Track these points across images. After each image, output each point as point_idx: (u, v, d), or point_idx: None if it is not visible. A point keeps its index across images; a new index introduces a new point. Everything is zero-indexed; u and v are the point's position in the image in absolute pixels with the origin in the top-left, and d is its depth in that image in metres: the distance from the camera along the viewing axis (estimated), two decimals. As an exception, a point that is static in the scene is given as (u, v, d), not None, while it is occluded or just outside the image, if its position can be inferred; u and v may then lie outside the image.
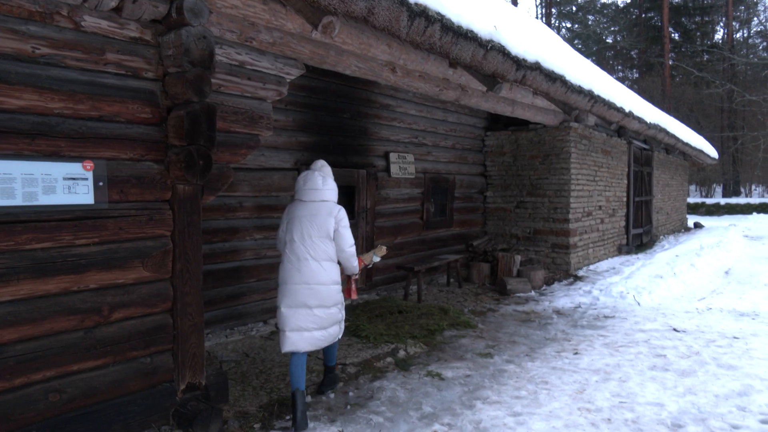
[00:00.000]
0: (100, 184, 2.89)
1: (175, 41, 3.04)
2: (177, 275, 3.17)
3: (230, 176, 3.53)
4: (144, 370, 3.10)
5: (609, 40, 40.38)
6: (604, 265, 9.87)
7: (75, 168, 2.81)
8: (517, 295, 7.63)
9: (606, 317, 6.38)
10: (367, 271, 6.92)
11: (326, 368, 3.85)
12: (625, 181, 11.51)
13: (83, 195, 2.84)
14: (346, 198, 7.22)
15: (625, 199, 11.52)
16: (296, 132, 5.99)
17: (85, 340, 2.88)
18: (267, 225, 5.72)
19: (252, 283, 5.57)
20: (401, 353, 4.90)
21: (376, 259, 3.93)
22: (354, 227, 6.69)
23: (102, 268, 2.92)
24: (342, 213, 3.45)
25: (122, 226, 2.98)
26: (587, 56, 36.66)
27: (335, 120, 6.49)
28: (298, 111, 6.01)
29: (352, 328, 5.51)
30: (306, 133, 6.11)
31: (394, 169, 7.36)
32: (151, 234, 3.10)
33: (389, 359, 4.70)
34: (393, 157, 7.38)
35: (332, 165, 6.39)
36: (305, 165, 6.04)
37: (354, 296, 3.69)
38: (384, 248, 4.05)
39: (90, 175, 2.85)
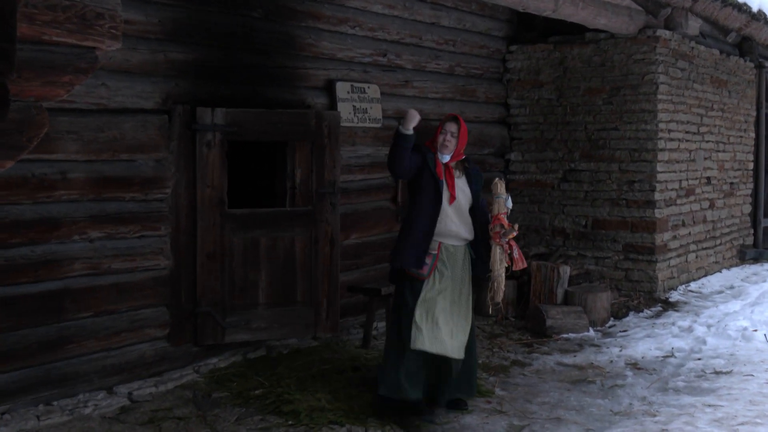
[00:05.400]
0: None
1: None
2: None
3: (44, 124, 3.53)
4: None
5: None
6: (714, 281, 9.98)
7: None
8: (564, 336, 7.61)
9: (718, 373, 6.44)
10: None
11: None
12: (752, 135, 11.67)
13: None
14: (260, 165, 7.30)
15: (752, 165, 11.66)
16: (165, 43, 5.95)
17: None
18: (113, 213, 5.67)
19: (85, 320, 5.57)
20: (358, 443, 4.79)
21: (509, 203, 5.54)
22: (275, 219, 6.66)
23: None
24: None
25: None
26: None
27: (236, 22, 6.44)
28: (169, 5, 5.98)
29: (270, 399, 5.58)
30: (183, 46, 6.02)
31: (345, 112, 7.35)
32: None
33: (337, 454, 4.70)
34: (342, 89, 7.27)
35: (233, 103, 6.29)
36: (183, 103, 6.00)
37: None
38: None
39: None
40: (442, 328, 5.33)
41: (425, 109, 8.36)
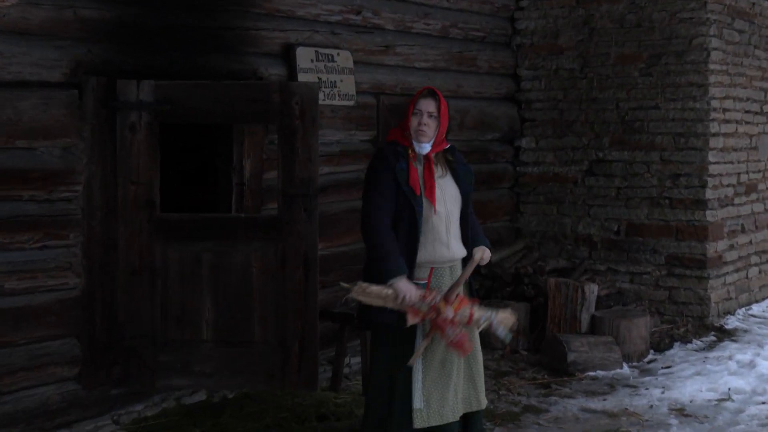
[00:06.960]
0: None
1: None
2: None
3: None
4: None
5: None
6: (781, 304, 9.80)
7: None
8: (591, 374, 7.38)
9: (787, 423, 6.30)
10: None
11: None
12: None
13: None
14: (196, 156, 7.62)
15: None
16: (74, -2, 5.79)
17: None
18: (6, 217, 5.48)
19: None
20: None
21: (500, 332, 4.85)
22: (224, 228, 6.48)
23: None
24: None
25: None
26: None
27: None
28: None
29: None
30: (98, 1, 5.92)
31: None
32: None
33: None
34: (304, 56, 7.21)
35: (165, 74, 6.14)
36: (99, 75, 5.85)
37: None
38: (511, 318, 4.92)
39: None
40: (450, 395, 4.87)
41: (411, 82, 8.09)
